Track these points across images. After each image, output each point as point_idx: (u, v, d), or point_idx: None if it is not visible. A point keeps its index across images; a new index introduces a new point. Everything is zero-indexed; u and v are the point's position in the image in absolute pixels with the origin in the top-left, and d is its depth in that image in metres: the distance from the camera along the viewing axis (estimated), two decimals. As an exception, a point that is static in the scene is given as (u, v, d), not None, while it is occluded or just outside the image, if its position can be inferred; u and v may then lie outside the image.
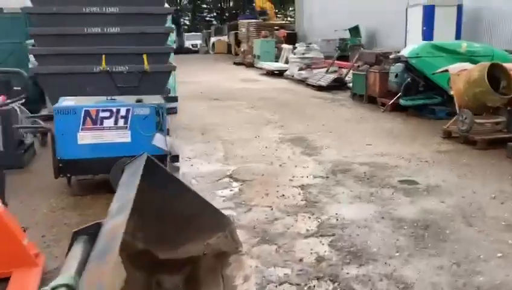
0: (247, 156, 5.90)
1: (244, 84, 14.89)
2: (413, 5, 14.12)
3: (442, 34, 13.39)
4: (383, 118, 8.50)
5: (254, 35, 27.56)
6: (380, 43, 20.01)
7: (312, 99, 11.14)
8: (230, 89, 13.48)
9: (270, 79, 16.88)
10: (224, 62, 28.19)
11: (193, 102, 10.96)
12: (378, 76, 9.72)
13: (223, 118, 8.77)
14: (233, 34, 35.09)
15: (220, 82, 15.84)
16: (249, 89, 13.52)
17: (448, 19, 13.50)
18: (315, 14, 28.58)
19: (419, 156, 5.76)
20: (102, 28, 6.21)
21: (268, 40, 22.57)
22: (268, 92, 12.56)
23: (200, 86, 14.74)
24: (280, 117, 8.73)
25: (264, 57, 21.43)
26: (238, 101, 11.03)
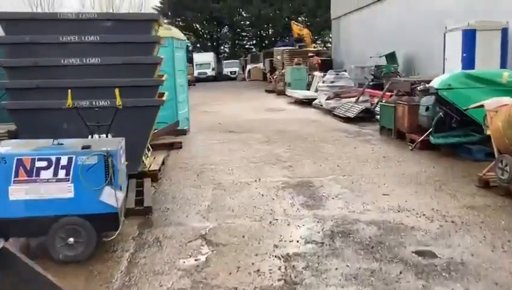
0: (236, 208, 4.99)
1: (268, 114, 14.07)
2: (452, 29, 12.96)
3: (485, 61, 12.14)
4: (409, 158, 7.38)
5: (288, 62, 26.92)
6: (418, 71, 18.77)
7: (335, 133, 10.13)
8: (252, 120, 12.69)
9: (298, 108, 16.00)
10: (257, 89, 27.64)
11: (206, 134, 10.22)
12: (407, 109, 8.62)
13: (229, 155, 7.93)
14: (268, 61, 34.67)
15: (244, 111, 15.12)
16: (271, 120, 12.67)
17: (492, 44, 12.24)
18: (352, 40, 27.64)
19: (445, 213, 4.66)
20: (82, 58, 5.59)
21: (300, 68, 21.79)
22: (290, 124, 11.66)
23: (222, 115, 14.06)
24: (292, 155, 7.80)
25: (295, 85, 20.63)
26: (254, 133, 10.20)
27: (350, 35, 28.05)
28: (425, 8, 18.08)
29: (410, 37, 19.49)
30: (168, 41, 9.44)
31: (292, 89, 20.34)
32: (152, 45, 5.82)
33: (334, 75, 15.17)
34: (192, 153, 8.16)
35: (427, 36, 18.03)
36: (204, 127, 11.42)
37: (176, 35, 9.77)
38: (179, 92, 9.85)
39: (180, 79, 10.07)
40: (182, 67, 10.27)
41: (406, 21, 19.91)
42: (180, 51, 10.16)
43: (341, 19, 29.93)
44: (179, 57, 9.95)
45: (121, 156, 4.04)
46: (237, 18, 57.22)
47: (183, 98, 10.25)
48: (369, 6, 24.52)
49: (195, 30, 59.18)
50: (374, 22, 23.83)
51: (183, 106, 10.32)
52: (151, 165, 6.37)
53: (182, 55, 10.35)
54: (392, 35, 21.39)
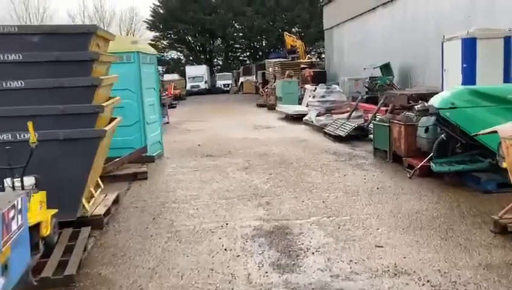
0: (186, 273, 3.88)
1: (254, 133, 13.01)
2: (451, 38, 11.96)
3: (487, 73, 11.15)
4: (408, 189, 6.31)
5: (279, 75, 25.97)
6: (415, 83, 17.80)
7: (324, 155, 9.06)
8: (236, 139, 11.63)
9: (287, 125, 14.96)
10: (249, 103, 26.64)
11: (179, 160, 9.14)
12: (403, 129, 7.58)
13: (199, 188, 6.85)
14: (260, 73, 33.76)
15: (230, 129, 14.07)
16: (257, 140, 11.61)
17: (494, 54, 11.25)
18: (345, 50, 26.74)
19: (455, 277, 3.58)
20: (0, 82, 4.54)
21: (291, 81, 20.80)
22: (277, 144, 10.60)
23: (204, 134, 13.01)
24: (272, 186, 6.72)
25: (286, 99, 19.63)
26: (235, 157, 9.12)
27: (343, 46, 27.16)
28: (422, 16, 17.16)
29: (406, 47, 18.55)
30: (133, 56, 8.43)
31: (283, 103, 19.33)
32: (89, 64, 4.76)
33: (325, 89, 14.15)
34: (156, 186, 7.07)
35: (423, 46, 17.08)
36: (180, 150, 10.35)
37: (143, 49, 8.74)
38: (147, 113, 8.80)
39: (149, 98, 9.02)
40: (151, 84, 9.23)
41: (401, 30, 18.99)
42: (149, 67, 9.12)
43: (334, 29, 29.08)
44: (147, 74, 8.91)
45: (14, 218, 2.95)
46: (230, 30, 56.47)
47: (153, 119, 9.18)
48: (362, 16, 23.65)
49: (187, 43, 58.43)
50: (368, 31, 22.93)
51: (154, 127, 9.26)
52: (96, 208, 5.28)
53: (152, 71, 9.31)
54: (386, 45, 20.46)
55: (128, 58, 8.40)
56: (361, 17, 23.59)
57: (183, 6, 54.36)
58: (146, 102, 8.75)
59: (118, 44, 8.39)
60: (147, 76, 8.90)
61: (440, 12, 15.91)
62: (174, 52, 59.62)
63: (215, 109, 23.37)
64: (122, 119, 6.20)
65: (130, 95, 8.47)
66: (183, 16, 53.98)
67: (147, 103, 8.78)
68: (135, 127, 8.56)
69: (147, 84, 8.86)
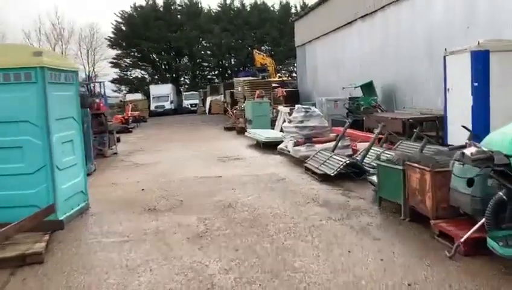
0: None
1: (217, 168, 10.45)
2: (455, 51, 9.86)
3: (503, 93, 9.10)
4: (457, 284, 3.88)
5: (249, 94, 23.62)
6: (400, 103, 15.73)
7: (311, 208, 6.58)
8: (192, 180, 9.05)
9: (260, 155, 12.47)
10: (215, 126, 24.12)
11: (108, 219, 6.47)
12: (429, 178, 5.19)
13: (117, 286, 4.21)
14: (229, 93, 31.36)
15: (189, 162, 11.51)
16: (220, 180, 9.05)
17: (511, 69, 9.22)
18: (319, 68, 24.69)
19: None
20: None
21: (262, 102, 18.42)
22: (245, 188, 8.08)
23: (155, 170, 10.38)
24: (239, 281, 4.16)
25: (257, 122, 17.22)
26: (185, 215, 6.51)
27: (317, 63, 25.14)
28: (408, 29, 15.17)
29: (389, 64, 16.51)
30: (35, 74, 5.79)
31: (253, 127, 16.90)
32: None
33: (303, 113, 11.77)
34: (51, 280, 4.38)
35: (410, 62, 15.04)
36: (115, 200, 7.68)
37: (53, 64, 6.08)
38: (59, 154, 6.12)
39: (64, 132, 6.35)
40: (69, 112, 6.57)
41: (383, 45, 16.97)
42: (65, 88, 6.46)
43: (306, 46, 27.09)
44: (61, 98, 6.26)
45: None
46: (197, 48, 54.17)
47: (70, 162, 6.50)
48: (337, 31, 21.67)
49: (152, 61, 55.66)
50: (344, 47, 20.93)
51: (72, 173, 6.57)
52: None
53: (70, 94, 6.65)
54: (366, 62, 18.42)
55: (28, 76, 5.76)
56: (337, 32, 21.62)
57: (146, 23, 51.76)
58: (57, 139, 6.08)
59: (11, 56, 5.77)
60: (60, 101, 6.25)
61: (430, 24, 13.93)
62: (137, 71, 56.67)
63: (178, 133, 20.72)
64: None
65: (30, 129, 5.82)
66: (147, 33, 51.34)
67: (58, 140, 6.11)
68: (38, 176, 5.88)
69: (59, 113, 6.21)
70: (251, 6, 55.09)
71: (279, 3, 55.84)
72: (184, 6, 55.05)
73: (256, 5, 54.98)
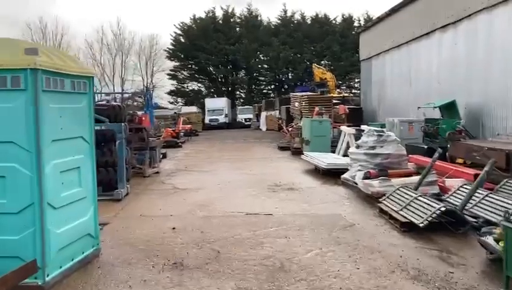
0: None
1: (266, 201, 8.61)
2: None
3: None
4: None
5: (307, 111, 21.72)
6: (489, 128, 13.20)
7: (400, 283, 4.54)
8: (234, 218, 7.26)
9: (318, 184, 10.51)
10: (269, 143, 22.36)
11: (120, 274, 4.79)
12: None
13: None
14: (284, 108, 29.60)
15: (233, 190, 9.77)
16: (268, 220, 7.19)
17: None
18: (387, 84, 22.35)
19: None
20: None
21: (322, 120, 16.42)
22: (302, 236, 6.17)
23: (194, 200, 8.70)
24: None
25: (316, 144, 15.28)
26: (220, 278, 4.70)
27: (384, 79, 22.79)
28: (502, 40, 12.71)
29: (475, 82, 14.03)
30: (24, 78, 4.25)
31: (311, 148, 14.97)
32: None
33: (376, 137, 9.70)
34: None
35: (505, 79, 12.56)
36: (136, 243, 6.01)
37: (52, 66, 4.49)
38: (55, 187, 4.53)
39: (66, 157, 4.76)
40: (74, 130, 4.97)
41: (468, 59, 14.52)
42: (69, 99, 4.86)
43: (372, 59, 24.81)
44: (61, 112, 4.68)
45: None
46: (254, 61, 53.07)
47: (73, 197, 4.89)
48: (410, 43, 19.32)
49: (209, 73, 55.19)
50: (418, 62, 18.52)
51: (76, 212, 4.95)
52: None
53: (77, 108, 5.05)
54: (445, 78, 15.97)
55: (16, 81, 4.23)
56: (411, 44, 19.26)
57: (205, 35, 51.39)
58: (54, 167, 4.50)
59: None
60: (62, 116, 4.68)
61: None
62: (194, 84, 56.39)
63: (228, 151, 19.14)
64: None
65: (15, 153, 4.27)
66: (205, 45, 50.93)
67: (55, 169, 4.53)
68: (24, 217, 4.32)
69: (59, 132, 4.64)
70: (312, 19, 53.40)
71: (341, 16, 53.78)
72: (243, 18, 54.30)
73: (317, 17, 53.22)
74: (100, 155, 9.65)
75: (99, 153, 9.72)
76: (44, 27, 49.17)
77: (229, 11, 53.67)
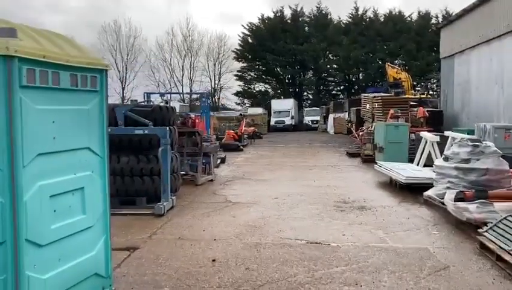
0: None
1: (331, 224, 7.07)
2: None
3: None
4: None
5: (380, 114, 19.74)
6: None
7: None
8: (291, 248, 5.82)
9: (395, 203, 8.76)
10: (336, 148, 20.63)
11: None
12: None
13: None
14: (354, 110, 27.61)
15: (292, 207, 8.31)
16: (333, 255, 5.67)
17: None
18: (474, 86, 19.73)
19: None
20: None
21: (399, 125, 14.49)
22: (378, 284, 4.60)
23: (245, 218, 7.39)
24: None
25: (391, 152, 13.43)
26: None
27: (470, 78, 20.17)
28: None
29: None
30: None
31: (385, 157, 13.15)
32: None
33: (470, 148, 7.82)
34: None
35: None
36: (163, 280, 4.76)
37: (38, 53, 3.30)
38: (45, 217, 3.36)
39: (63, 175, 3.58)
40: (76, 139, 3.77)
41: None
42: (69, 99, 3.66)
43: (455, 57, 22.18)
44: (54, 116, 3.50)
45: None
46: (323, 61, 51.14)
47: (76, 227, 3.70)
48: (503, 38, 16.73)
49: (276, 74, 54.03)
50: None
51: (78, 247, 3.76)
52: None
53: (81, 110, 3.84)
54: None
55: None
56: (504, 38, 16.68)
57: (273, 35, 50.33)
58: (39, 190, 3.32)
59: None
60: (57, 121, 3.52)
61: None
62: (261, 85, 55.53)
63: (291, 156, 17.70)
64: None
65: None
66: (273, 45, 49.85)
67: (42, 193, 3.36)
68: (-7, 260, 3.16)
69: (52, 143, 3.47)
70: (385, 16, 50.52)
71: (418, 12, 50.35)
72: (312, 17, 52.59)
73: (390, 14, 50.25)
74: (145, 162, 8.68)
75: (144, 160, 8.76)
76: (118, 29, 50.56)
77: (298, 10, 52.25)
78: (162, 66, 52.40)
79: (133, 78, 51.06)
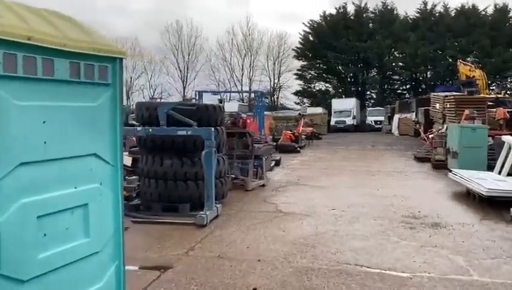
0: None
1: (399, 247, 5.94)
2: None
3: None
4: None
5: (452, 114, 17.97)
6: None
7: None
8: (349, 278, 4.79)
9: (475, 220, 7.42)
10: (402, 152, 19.08)
11: None
12: None
13: None
14: (422, 111, 25.68)
15: (352, 222, 7.24)
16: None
17: None
18: None
19: None
20: None
21: (476, 127, 12.87)
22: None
23: (296, 233, 6.47)
24: None
25: (467, 157, 11.90)
26: None
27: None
28: None
29: None
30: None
31: (460, 163, 11.67)
32: None
33: None
34: None
35: None
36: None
37: (21, 33, 2.57)
38: (32, 242, 2.61)
39: (58, 190, 2.83)
40: (77, 144, 3.01)
41: None
42: (66, 93, 2.92)
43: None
44: (44, 115, 2.76)
45: None
46: (388, 58, 48.82)
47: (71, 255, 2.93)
48: None
49: (338, 73, 52.34)
50: None
51: (77, 279, 3.00)
52: None
53: (86, 108, 3.08)
54: None
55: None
56: None
57: (335, 32, 48.75)
58: (21, 209, 2.59)
59: None
60: (49, 121, 2.78)
61: None
62: (321, 84, 54.05)
63: (351, 160, 16.46)
64: None
65: None
66: (334, 43, 48.25)
67: (26, 211, 2.63)
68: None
69: (44, 149, 2.74)
70: (456, 10, 47.28)
71: (494, 6, 46.63)
72: (377, 13, 50.36)
73: (463, 9, 46.94)
74: (190, 165, 7.97)
75: (188, 163, 8.06)
76: (180, 30, 51.18)
77: (362, 6, 50.26)
78: (222, 66, 52.50)
79: (193, 77, 51.58)
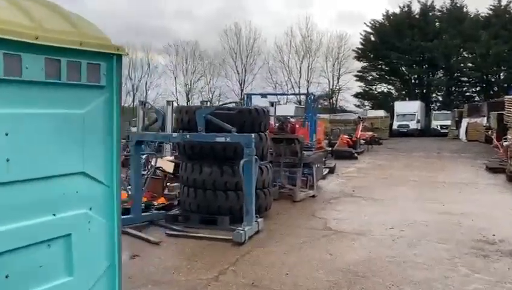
0: None
1: (470, 285, 4.92)
2: None
3: None
4: None
5: (531, 120, 16.09)
6: None
7: None
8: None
9: None
10: (471, 160, 17.43)
11: None
12: None
13: None
14: (495, 115, 23.53)
15: (413, 247, 6.27)
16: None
17: None
18: None
19: None
20: None
21: (562, 135, 11.21)
22: None
23: (346, 260, 5.64)
24: None
25: (550, 170, 10.33)
26: None
27: None
28: None
29: None
30: None
31: (542, 177, 10.15)
32: None
33: None
34: None
35: None
36: None
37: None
38: None
39: (20, 220, 2.25)
40: (55, 162, 2.43)
41: None
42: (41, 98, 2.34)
43: None
44: (15, 125, 2.19)
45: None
46: (456, 59, 45.90)
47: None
48: None
49: (401, 74, 50.00)
50: None
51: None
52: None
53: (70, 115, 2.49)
54: None
55: None
56: None
57: (399, 32, 46.59)
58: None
59: None
60: (16, 132, 2.21)
61: None
62: (383, 85, 51.92)
63: (415, 169, 15.16)
64: None
65: None
66: (397, 43, 46.10)
67: None
68: None
69: (6, 168, 2.15)
70: (537, 5, 43.58)
71: None
72: (445, 11, 47.56)
73: (545, 3, 43.19)
74: (230, 175, 7.33)
75: (228, 171, 7.43)
76: (239, 32, 51.12)
77: (428, 5, 47.69)
78: (279, 68, 51.80)
79: (251, 80, 51.30)
